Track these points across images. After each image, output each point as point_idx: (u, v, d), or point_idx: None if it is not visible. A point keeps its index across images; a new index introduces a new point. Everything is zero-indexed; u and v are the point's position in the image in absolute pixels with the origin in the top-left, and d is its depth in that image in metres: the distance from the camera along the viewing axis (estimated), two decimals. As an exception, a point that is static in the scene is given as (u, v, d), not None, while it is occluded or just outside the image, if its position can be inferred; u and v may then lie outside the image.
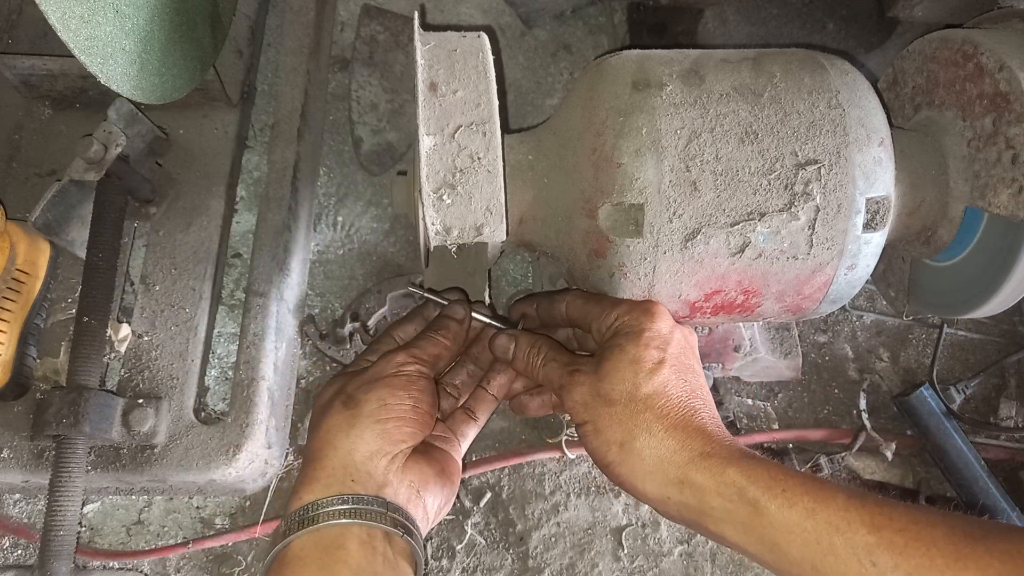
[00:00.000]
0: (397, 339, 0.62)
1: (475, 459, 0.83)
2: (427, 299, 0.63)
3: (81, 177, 0.68)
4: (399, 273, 0.87)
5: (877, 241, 0.57)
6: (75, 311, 0.72)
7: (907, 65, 0.70)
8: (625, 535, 0.81)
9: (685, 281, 0.57)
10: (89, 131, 0.69)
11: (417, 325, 0.62)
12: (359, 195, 0.93)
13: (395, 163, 0.93)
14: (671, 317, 0.56)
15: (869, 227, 0.56)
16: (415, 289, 0.63)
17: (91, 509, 0.81)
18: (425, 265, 0.63)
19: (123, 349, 0.75)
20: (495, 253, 0.63)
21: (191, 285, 0.78)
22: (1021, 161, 0.58)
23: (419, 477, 0.54)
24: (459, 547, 0.81)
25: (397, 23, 0.96)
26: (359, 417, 0.53)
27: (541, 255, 0.65)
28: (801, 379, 0.88)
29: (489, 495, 0.83)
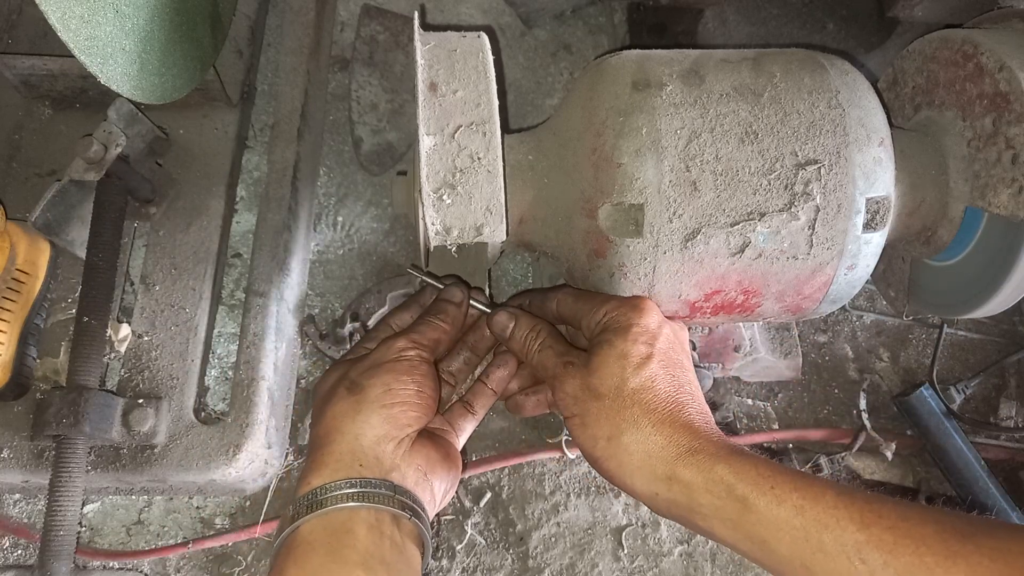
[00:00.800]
0: (394, 327, 0.62)
1: (475, 459, 0.83)
2: (424, 285, 0.63)
3: (81, 177, 0.68)
4: (399, 273, 0.87)
5: (877, 241, 0.57)
6: (75, 311, 0.72)
7: (907, 65, 0.70)
8: (625, 535, 0.81)
9: (685, 281, 0.57)
10: (89, 131, 0.69)
11: (413, 313, 0.63)
12: (359, 195, 0.93)
13: (395, 163, 0.93)
14: (660, 313, 0.56)
15: (869, 227, 0.56)
16: (413, 271, 0.63)
17: (91, 509, 0.81)
18: (425, 265, 0.63)
19: (123, 349, 0.75)
20: (495, 253, 0.63)
21: (191, 285, 0.78)
22: (1021, 161, 0.58)
23: (426, 461, 0.54)
24: (459, 547, 0.80)
25: (397, 23, 0.96)
26: (364, 402, 0.53)
27: (541, 255, 0.65)
28: (801, 379, 0.88)
29: (489, 495, 0.83)
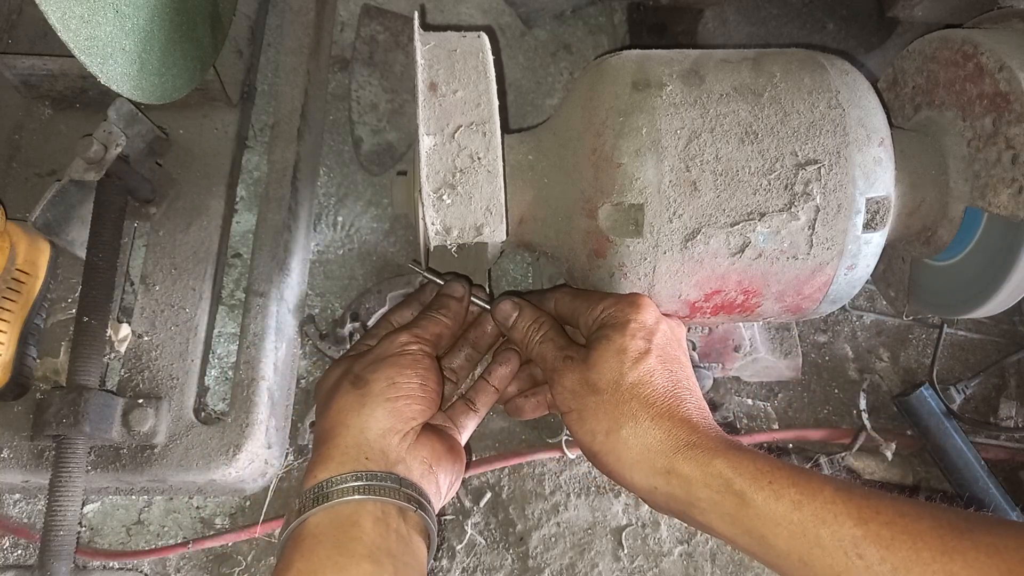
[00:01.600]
0: (395, 324, 0.62)
1: (475, 459, 0.83)
2: (424, 282, 0.63)
3: (81, 177, 0.68)
4: (399, 273, 0.87)
5: (877, 241, 0.57)
6: (75, 311, 0.72)
7: (907, 65, 0.70)
8: (625, 535, 0.81)
9: (685, 281, 0.57)
10: (89, 131, 0.69)
11: (414, 310, 0.63)
12: (359, 195, 0.93)
13: (395, 163, 0.93)
14: (657, 309, 0.56)
15: (869, 227, 0.56)
16: (414, 266, 0.63)
17: (91, 509, 0.81)
18: (425, 265, 0.63)
19: (123, 349, 0.75)
20: (495, 253, 0.63)
21: (191, 285, 0.78)
22: (1021, 161, 0.58)
23: (431, 453, 0.54)
24: (459, 547, 0.80)
25: (397, 23, 0.96)
26: (369, 396, 0.53)
27: (541, 255, 0.65)
28: (801, 379, 0.88)
29: (489, 495, 0.83)
